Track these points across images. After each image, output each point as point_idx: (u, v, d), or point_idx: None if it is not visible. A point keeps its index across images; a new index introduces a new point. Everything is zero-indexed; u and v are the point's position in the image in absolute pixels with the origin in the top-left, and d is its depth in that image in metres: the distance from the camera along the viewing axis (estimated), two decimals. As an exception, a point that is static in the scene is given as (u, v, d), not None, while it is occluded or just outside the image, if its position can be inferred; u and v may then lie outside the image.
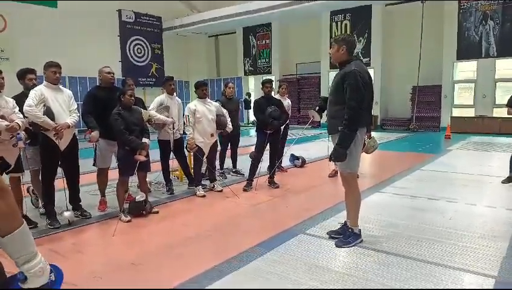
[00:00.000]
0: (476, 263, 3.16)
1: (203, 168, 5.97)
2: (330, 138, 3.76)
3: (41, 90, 4.25)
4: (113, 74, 5.00)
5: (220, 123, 5.86)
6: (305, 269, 3.12)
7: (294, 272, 3.07)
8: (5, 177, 4.23)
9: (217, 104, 6.05)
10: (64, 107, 4.39)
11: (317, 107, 4.15)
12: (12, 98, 4.27)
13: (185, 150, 5.93)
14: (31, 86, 4.52)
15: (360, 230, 3.65)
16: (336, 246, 3.55)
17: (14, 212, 1.15)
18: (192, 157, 5.77)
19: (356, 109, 3.34)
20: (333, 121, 3.55)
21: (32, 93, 4.19)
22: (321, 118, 4.34)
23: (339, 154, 3.42)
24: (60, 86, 4.49)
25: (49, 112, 4.17)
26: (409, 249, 3.46)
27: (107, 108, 4.63)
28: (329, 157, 3.60)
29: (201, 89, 5.73)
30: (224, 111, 6.12)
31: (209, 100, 5.86)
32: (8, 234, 1.15)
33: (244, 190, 5.87)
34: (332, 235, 3.78)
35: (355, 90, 3.34)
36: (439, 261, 3.20)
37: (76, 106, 4.58)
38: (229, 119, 6.07)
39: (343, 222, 3.83)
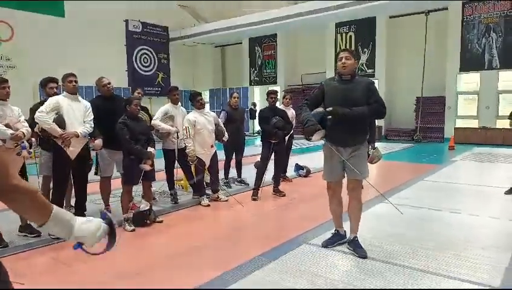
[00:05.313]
0: (478, 273, 3.17)
1: (205, 176, 5.97)
2: (342, 149, 3.69)
3: (57, 99, 4.37)
4: (110, 83, 5.01)
5: (218, 133, 5.89)
6: (308, 279, 3.13)
7: (297, 282, 3.09)
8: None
9: (214, 114, 6.06)
10: (79, 116, 4.44)
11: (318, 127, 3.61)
12: (32, 106, 4.44)
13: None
14: (52, 94, 4.67)
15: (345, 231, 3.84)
16: (362, 258, 3.51)
17: (40, 206, 1.26)
18: (194, 168, 5.78)
19: (384, 111, 3.58)
20: (355, 135, 3.61)
21: (48, 101, 4.33)
22: (324, 136, 3.75)
23: (344, 112, 3.44)
24: (79, 97, 4.56)
25: (60, 120, 4.26)
26: (412, 260, 3.47)
27: (109, 117, 4.68)
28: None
29: (198, 100, 5.67)
30: (221, 120, 6.17)
31: (206, 110, 5.86)
32: (43, 224, 1.30)
33: (253, 199, 5.89)
34: (328, 245, 3.81)
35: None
36: (442, 271, 3.21)
37: (92, 117, 4.57)
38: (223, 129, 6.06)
39: (349, 232, 3.82)
